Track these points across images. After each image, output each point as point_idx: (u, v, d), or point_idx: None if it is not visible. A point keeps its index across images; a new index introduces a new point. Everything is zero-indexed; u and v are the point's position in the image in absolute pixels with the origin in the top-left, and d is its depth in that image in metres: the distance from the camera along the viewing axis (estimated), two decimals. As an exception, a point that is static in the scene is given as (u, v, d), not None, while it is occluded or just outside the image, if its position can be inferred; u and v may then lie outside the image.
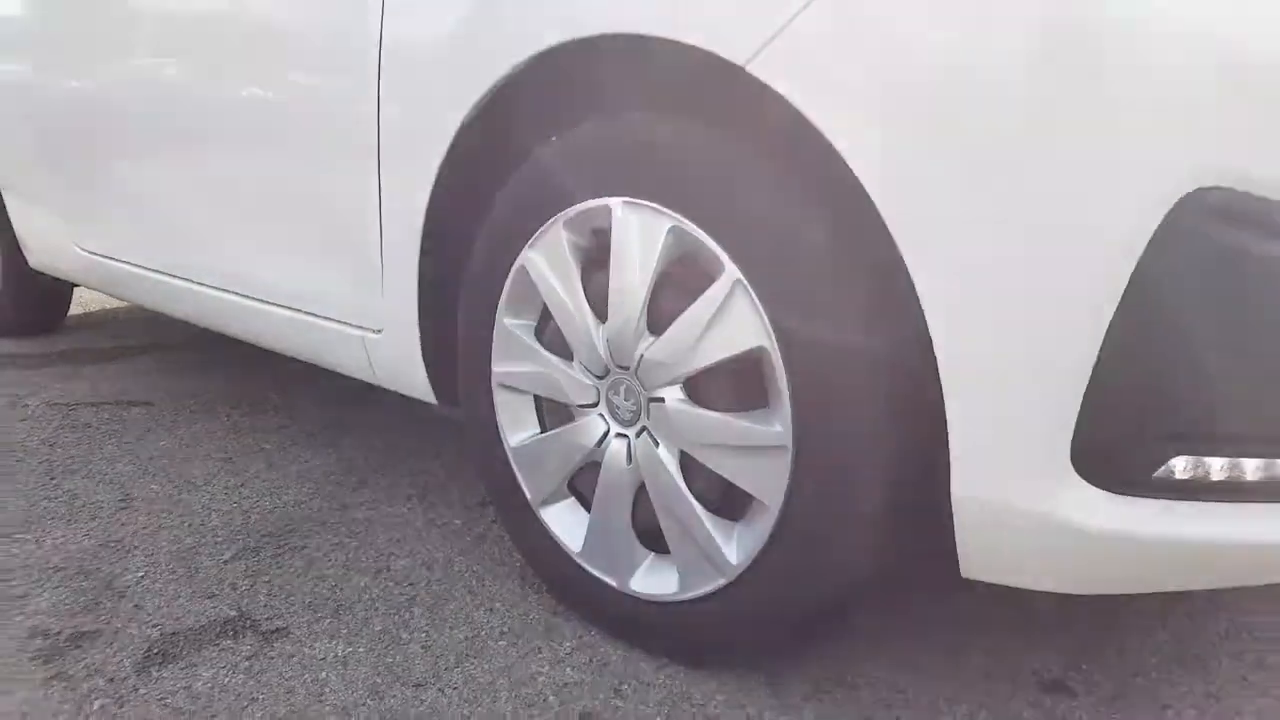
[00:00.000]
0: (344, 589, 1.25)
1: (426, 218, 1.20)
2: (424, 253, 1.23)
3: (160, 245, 1.81)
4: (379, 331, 1.35)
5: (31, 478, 1.67)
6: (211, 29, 1.54)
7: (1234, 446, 0.79)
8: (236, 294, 1.62)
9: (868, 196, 0.81)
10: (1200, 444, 0.79)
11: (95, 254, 2.08)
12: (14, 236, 2.51)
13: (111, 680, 1.05)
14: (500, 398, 1.19)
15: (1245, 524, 0.81)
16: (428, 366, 1.30)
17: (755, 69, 0.85)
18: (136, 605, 1.22)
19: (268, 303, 1.54)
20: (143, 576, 1.29)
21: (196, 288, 1.72)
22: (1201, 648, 1.12)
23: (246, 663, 1.08)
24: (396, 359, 1.33)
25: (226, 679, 1.05)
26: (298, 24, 1.36)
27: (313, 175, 1.37)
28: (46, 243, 2.34)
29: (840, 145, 0.82)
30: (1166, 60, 0.72)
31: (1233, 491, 0.81)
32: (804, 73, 0.82)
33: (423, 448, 1.77)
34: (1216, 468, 0.81)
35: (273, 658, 1.09)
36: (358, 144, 1.26)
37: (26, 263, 2.52)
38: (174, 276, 1.78)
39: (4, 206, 2.51)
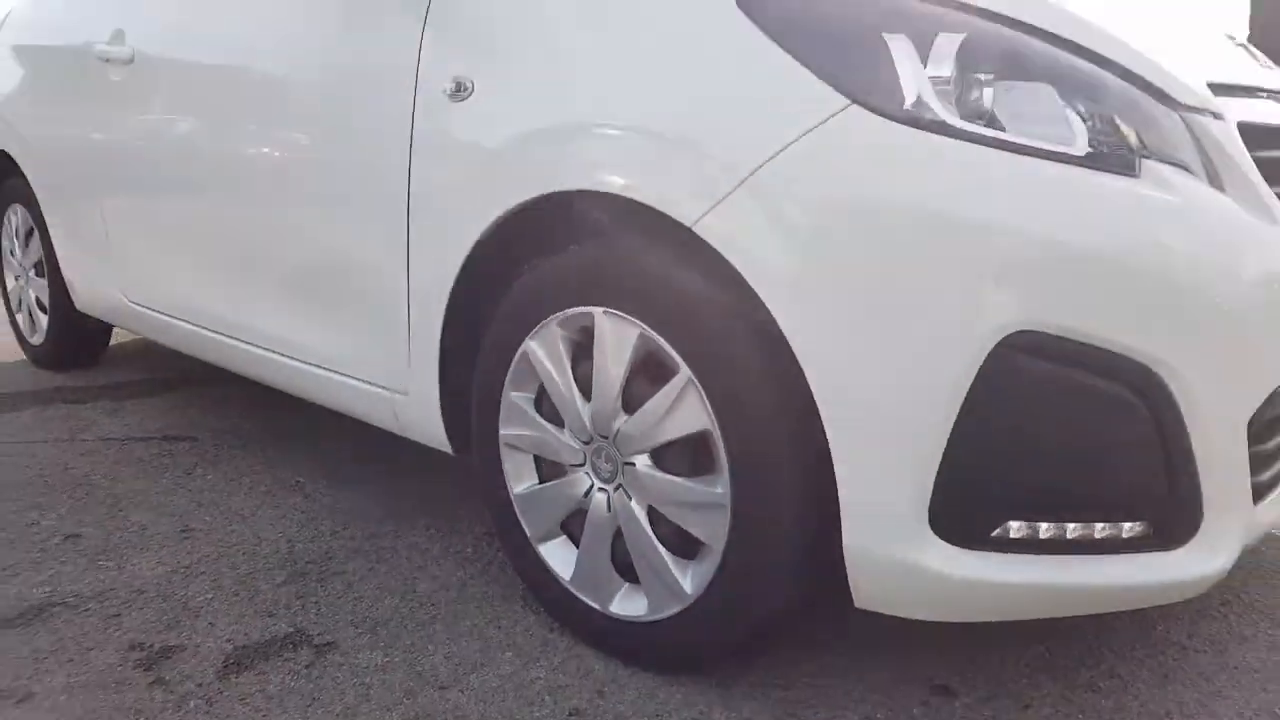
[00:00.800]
0: (378, 608, 1.53)
1: (448, 308, 1.48)
2: (444, 334, 1.51)
3: (210, 306, 2.08)
4: (405, 394, 1.62)
5: (101, 509, 1.94)
6: (265, 111, 1.80)
7: (1051, 514, 1.08)
8: (279, 353, 1.89)
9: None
10: (1028, 512, 1.08)
11: (144, 306, 2.36)
12: (62, 281, 2.79)
13: (200, 685, 1.33)
14: (506, 454, 1.47)
15: (1064, 570, 1.10)
16: (445, 424, 1.58)
17: (699, 230, 1.13)
18: (210, 623, 1.49)
19: (308, 363, 1.81)
20: (211, 599, 1.57)
21: (243, 345, 2.00)
22: (1068, 659, 1.40)
23: (305, 670, 1.36)
24: (419, 417, 1.61)
25: (292, 683, 1.33)
26: (341, 124, 1.63)
27: (353, 262, 1.65)
28: (94, 290, 2.61)
29: (760, 291, 1.10)
30: (998, 247, 1.01)
31: (1057, 546, 1.10)
32: (729, 237, 1.10)
33: (438, 485, 2.05)
34: (1043, 529, 1.09)
35: (326, 666, 1.37)
36: (392, 241, 1.54)
37: (72, 304, 2.80)
38: (222, 334, 2.06)
39: (53, 253, 2.78)
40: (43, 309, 2.97)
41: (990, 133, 1.03)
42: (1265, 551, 1.72)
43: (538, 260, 1.37)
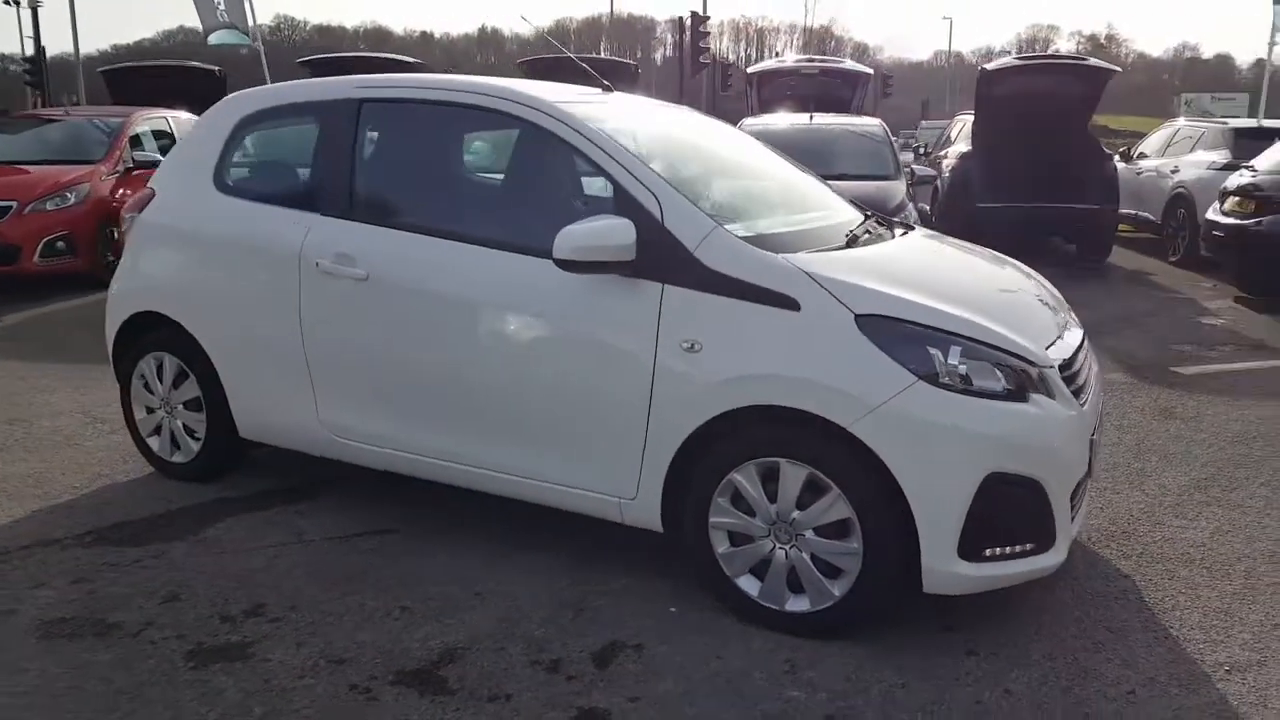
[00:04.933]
0: (646, 624, 2.72)
1: (670, 465, 2.72)
2: (669, 472, 2.75)
3: (437, 443, 3.13)
4: (633, 499, 2.84)
5: (395, 588, 2.93)
6: (523, 336, 2.94)
7: (1003, 544, 2.54)
8: (509, 474, 3.01)
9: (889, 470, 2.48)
10: (995, 544, 2.53)
11: (349, 440, 3.32)
12: (223, 415, 3.63)
13: (591, 674, 2.48)
14: (712, 532, 2.74)
15: (1008, 566, 2.57)
16: (663, 514, 2.81)
17: (850, 429, 2.48)
18: (562, 643, 2.62)
19: (546, 481, 2.95)
20: (543, 632, 2.68)
21: (472, 469, 3.08)
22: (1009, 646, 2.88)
23: (637, 658, 2.55)
24: (643, 515, 2.84)
25: (635, 666, 2.52)
26: (599, 345, 2.81)
27: (614, 428, 2.81)
28: (280, 423, 3.51)
29: (882, 455, 2.47)
30: (983, 439, 2.46)
31: (1004, 557, 2.56)
32: (864, 433, 2.47)
33: (599, 540, 3.21)
34: (999, 550, 2.56)
35: (647, 656, 2.57)
36: (635, 424, 2.75)
37: (228, 428, 3.64)
38: (447, 461, 3.12)
39: (220, 393, 3.61)
40: (190, 435, 3.76)
41: (970, 387, 2.48)
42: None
43: (739, 428, 2.66)
